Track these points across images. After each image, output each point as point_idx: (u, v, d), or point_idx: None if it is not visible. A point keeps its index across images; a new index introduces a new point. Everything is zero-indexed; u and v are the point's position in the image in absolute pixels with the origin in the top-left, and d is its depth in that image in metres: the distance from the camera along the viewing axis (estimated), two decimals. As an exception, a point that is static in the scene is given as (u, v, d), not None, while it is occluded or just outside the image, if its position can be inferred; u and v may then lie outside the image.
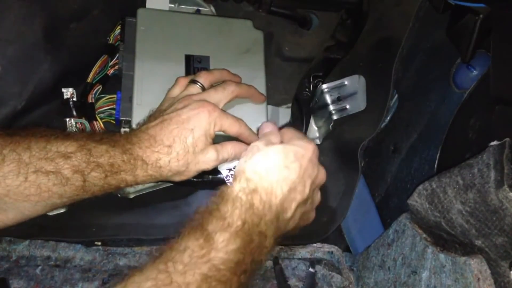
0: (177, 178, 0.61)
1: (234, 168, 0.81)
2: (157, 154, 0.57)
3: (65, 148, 0.53)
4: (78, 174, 0.53)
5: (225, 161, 0.64)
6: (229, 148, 0.64)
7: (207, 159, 0.61)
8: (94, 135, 0.57)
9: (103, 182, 0.55)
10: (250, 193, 0.51)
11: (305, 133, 0.87)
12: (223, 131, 0.63)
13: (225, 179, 0.78)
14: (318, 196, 0.62)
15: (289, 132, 0.62)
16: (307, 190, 0.55)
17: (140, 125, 0.62)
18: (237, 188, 0.51)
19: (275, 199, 0.52)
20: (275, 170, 0.53)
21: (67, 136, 0.54)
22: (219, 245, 0.47)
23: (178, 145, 0.58)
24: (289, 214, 0.54)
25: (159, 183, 0.84)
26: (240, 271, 0.47)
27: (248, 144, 0.64)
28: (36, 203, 0.52)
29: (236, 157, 0.65)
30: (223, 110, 0.64)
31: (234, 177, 0.53)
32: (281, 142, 0.59)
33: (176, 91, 0.68)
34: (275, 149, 0.55)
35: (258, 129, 0.66)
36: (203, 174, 0.81)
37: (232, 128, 0.64)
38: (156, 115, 0.62)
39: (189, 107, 0.61)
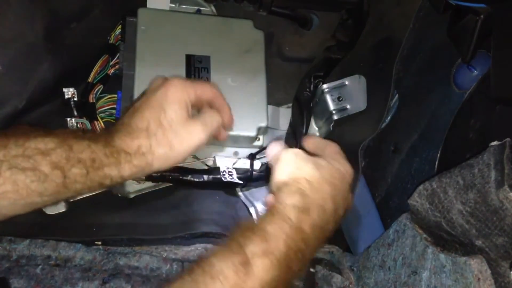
0: (166, 164, 0.58)
1: (233, 165, 0.82)
2: (137, 141, 0.55)
3: (45, 145, 0.51)
4: (58, 170, 0.51)
5: (212, 131, 0.62)
6: (208, 116, 0.62)
7: (192, 134, 0.59)
8: (76, 131, 0.56)
9: (85, 179, 0.53)
10: (304, 212, 0.48)
11: (306, 133, 0.87)
12: (198, 99, 0.61)
13: (221, 174, 0.78)
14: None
15: (332, 146, 0.60)
16: (341, 212, 0.54)
17: (118, 120, 0.61)
18: (289, 203, 0.48)
19: (325, 222, 0.49)
20: (326, 184, 0.51)
21: (48, 133, 0.53)
22: (258, 274, 0.43)
23: (153, 125, 0.56)
24: (326, 234, 0.52)
25: (159, 183, 0.84)
26: None
27: (223, 112, 0.63)
28: (14, 201, 0.50)
29: (222, 125, 0.63)
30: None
31: (284, 185, 0.49)
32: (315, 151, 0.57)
33: None
34: (323, 162, 0.53)
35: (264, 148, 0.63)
36: (202, 174, 0.81)
37: (205, 90, 0.61)
38: (130, 107, 0.61)
39: (156, 87, 0.60)
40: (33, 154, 0.50)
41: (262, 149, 0.85)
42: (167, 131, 0.57)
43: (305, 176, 0.51)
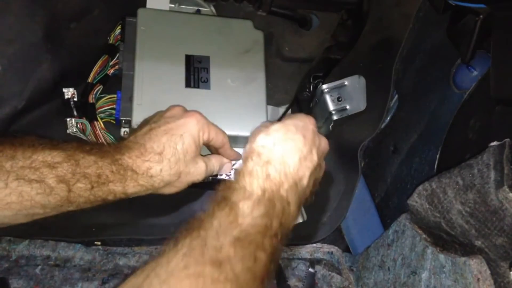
0: (168, 190, 0.61)
1: (233, 166, 0.82)
2: (148, 163, 0.56)
3: (52, 158, 0.52)
4: (63, 184, 0.52)
5: (211, 174, 0.64)
6: (214, 161, 0.65)
7: (198, 170, 0.61)
8: (84, 145, 0.56)
9: (89, 193, 0.54)
10: (264, 164, 0.52)
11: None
12: (209, 141, 0.63)
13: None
14: (323, 164, 0.62)
15: (285, 116, 0.62)
16: (315, 157, 0.57)
17: (128, 136, 0.62)
18: (250, 165, 0.52)
19: (289, 168, 0.53)
20: (281, 142, 0.55)
21: (55, 146, 0.53)
22: (245, 212, 0.48)
23: (169, 152, 0.58)
24: (305, 181, 0.55)
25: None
26: (270, 234, 0.48)
27: (228, 158, 0.66)
28: (17, 212, 0.51)
29: (219, 171, 0.66)
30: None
31: (245, 158, 0.54)
32: None
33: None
34: (275, 127, 0.57)
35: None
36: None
37: (218, 137, 0.64)
38: (144, 126, 0.62)
39: (177, 115, 0.61)
40: (40, 167, 0.51)
41: None
42: (180, 161, 0.58)
43: (261, 143, 0.55)
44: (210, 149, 0.66)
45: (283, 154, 0.53)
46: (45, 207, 0.52)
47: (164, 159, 0.57)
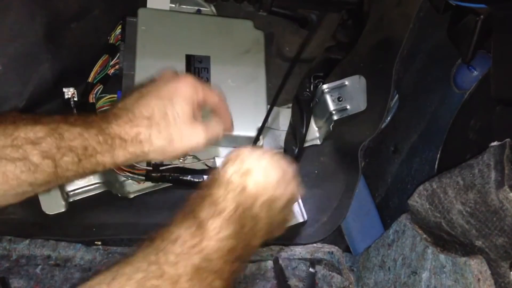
0: (161, 157, 0.58)
1: None
2: (136, 129, 0.54)
3: (34, 134, 0.50)
4: (49, 160, 0.50)
5: (214, 138, 0.61)
6: (214, 123, 0.62)
7: (194, 134, 0.58)
8: (68, 117, 0.53)
9: (77, 167, 0.52)
10: (244, 174, 0.50)
11: (305, 133, 0.87)
12: (204, 101, 0.61)
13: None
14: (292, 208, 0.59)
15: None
16: (294, 188, 0.54)
17: (117, 103, 0.59)
18: (230, 171, 0.50)
19: (269, 182, 0.51)
20: (268, 156, 0.52)
21: (37, 121, 0.51)
22: (211, 233, 0.46)
23: (158, 115, 0.56)
24: (279, 204, 0.52)
25: (159, 183, 0.84)
26: (233, 258, 0.47)
27: (225, 120, 0.64)
28: (5, 192, 0.49)
29: (223, 135, 0.64)
30: None
31: (226, 161, 0.52)
32: None
33: None
34: (263, 149, 0.55)
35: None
36: (202, 174, 0.81)
37: (213, 95, 0.61)
38: (134, 92, 0.59)
39: (168, 80, 0.59)
40: (22, 144, 0.49)
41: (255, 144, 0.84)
42: (170, 125, 0.56)
43: (248, 153, 0.53)
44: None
45: (267, 167, 0.51)
46: (32, 185, 0.50)
47: (153, 123, 0.55)
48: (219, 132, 0.63)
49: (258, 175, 0.50)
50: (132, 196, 0.85)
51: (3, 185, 0.49)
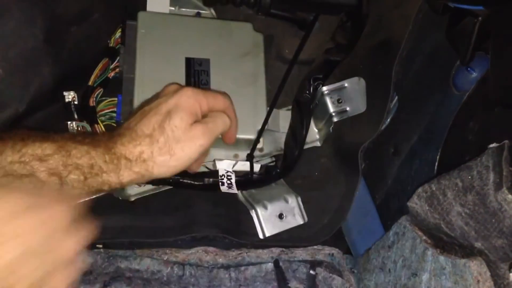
0: (167, 172, 0.58)
1: (232, 168, 0.82)
2: (139, 147, 0.55)
3: (42, 151, 0.50)
4: (55, 177, 0.50)
5: (219, 131, 0.61)
6: (215, 117, 0.61)
7: (192, 138, 0.58)
8: (76, 136, 0.54)
9: (83, 185, 0.52)
10: None
11: (305, 136, 0.87)
12: (211, 108, 0.60)
13: (219, 179, 0.78)
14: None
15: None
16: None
17: (123, 122, 0.60)
18: None
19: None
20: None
21: (45, 138, 0.52)
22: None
23: (158, 133, 0.56)
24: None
25: (160, 186, 0.84)
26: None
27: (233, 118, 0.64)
28: None
29: (229, 127, 0.63)
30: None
31: None
32: None
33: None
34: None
35: None
36: (203, 176, 0.81)
37: (218, 102, 0.61)
38: (138, 110, 0.60)
39: (169, 94, 0.60)
40: (29, 160, 0.50)
41: (255, 146, 0.84)
42: (169, 138, 0.57)
43: None
44: None
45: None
46: None
47: (154, 141, 0.56)
48: (223, 124, 0.62)
49: None
50: (133, 198, 0.85)
51: None
